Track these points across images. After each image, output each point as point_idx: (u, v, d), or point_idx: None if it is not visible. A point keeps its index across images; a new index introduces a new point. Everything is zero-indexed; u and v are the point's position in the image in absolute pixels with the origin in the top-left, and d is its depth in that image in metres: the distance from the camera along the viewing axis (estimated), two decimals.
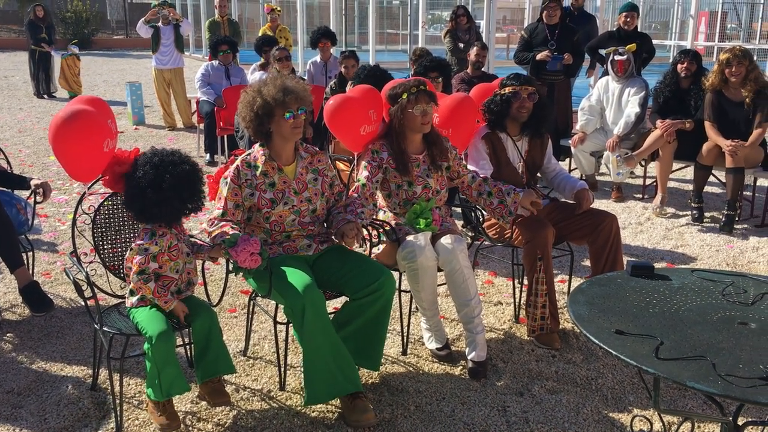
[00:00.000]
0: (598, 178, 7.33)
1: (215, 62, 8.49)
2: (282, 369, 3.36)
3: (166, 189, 2.83)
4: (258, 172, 3.20)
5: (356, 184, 3.53)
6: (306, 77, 8.64)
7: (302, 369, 3.03)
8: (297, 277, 2.99)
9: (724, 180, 6.24)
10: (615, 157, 6.31)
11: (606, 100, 6.64)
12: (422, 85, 3.55)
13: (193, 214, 3.00)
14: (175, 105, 10.40)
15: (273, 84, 3.12)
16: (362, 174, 3.55)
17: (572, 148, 6.83)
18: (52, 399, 3.24)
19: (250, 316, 3.60)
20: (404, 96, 3.55)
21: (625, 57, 6.46)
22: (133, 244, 2.94)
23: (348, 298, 3.24)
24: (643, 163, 6.77)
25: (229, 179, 3.19)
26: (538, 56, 7.28)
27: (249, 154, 3.25)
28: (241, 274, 3.01)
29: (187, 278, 3.06)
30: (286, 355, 3.32)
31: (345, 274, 3.21)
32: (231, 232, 2.99)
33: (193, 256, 3.08)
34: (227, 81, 8.36)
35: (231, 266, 2.98)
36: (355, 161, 3.91)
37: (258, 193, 3.19)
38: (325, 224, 3.43)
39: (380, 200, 3.71)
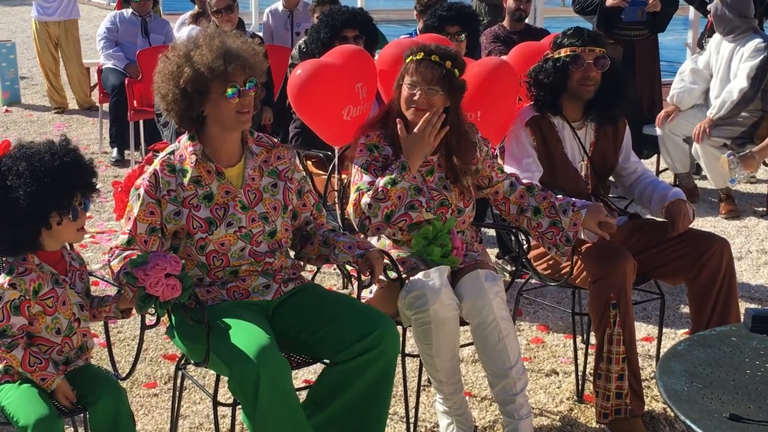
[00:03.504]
0: (699, 183, 7.33)
1: (126, 11, 8.50)
2: None
3: (13, 188, 2.81)
4: (186, 179, 3.19)
5: (355, 195, 3.51)
6: (262, 33, 8.67)
7: None
8: (248, 335, 2.97)
9: None
10: (726, 155, 6.31)
11: (715, 63, 6.66)
12: (433, 53, 3.54)
13: (88, 235, 2.98)
14: (66, 75, 10.42)
15: (208, 45, 3.12)
16: (363, 179, 3.54)
17: (657, 130, 6.83)
18: None
19: (177, 393, 3.58)
20: (408, 60, 3.56)
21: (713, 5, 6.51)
22: None
23: (327, 363, 3.22)
24: (767, 162, 6.78)
25: (141, 190, 3.17)
26: (609, 0, 7.31)
27: (172, 152, 3.25)
28: (156, 308, 2.96)
29: (81, 342, 3.05)
30: None
31: (323, 326, 3.19)
32: (140, 254, 3.00)
33: (87, 313, 3.06)
34: (144, 39, 8.37)
35: (138, 295, 2.93)
36: (336, 160, 3.92)
37: (187, 210, 3.18)
38: (291, 253, 3.42)
39: None
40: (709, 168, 6.46)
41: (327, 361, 3.23)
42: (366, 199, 3.46)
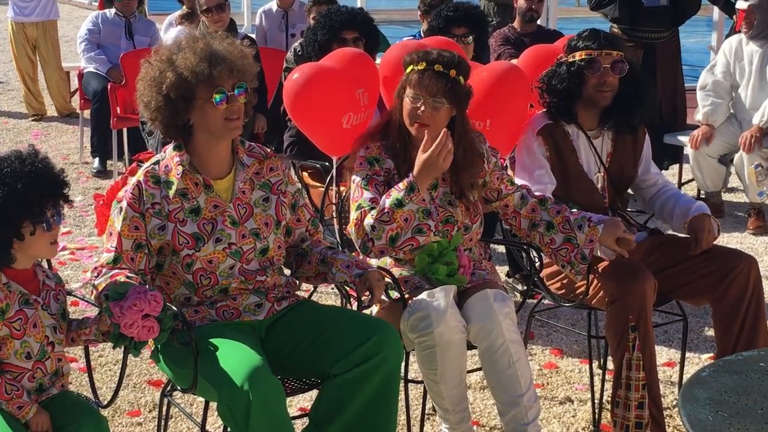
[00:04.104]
0: (725, 197, 7.32)
1: (109, 11, 8.54)
2: None
3: None
4: (172, 192, 3.20)
5: (356, 214, 3.50)
6: (255, 35, 8.69)
7: None
8: (238, 356, 2.97)
9: None
10: (753, 167, 6.31)
11: (739, 71, 6.66)
12: (436, 63, 3.53)
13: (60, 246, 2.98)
14: (45, 80, 10.43)
15: (191, 48, 3.13)
16: (364, 196, 3.54)
17: (690, 151, 6.81)
18: None
19: (163, 422, 3.58)
20: (409, 69, 3.56)
21: (755, 1, 6.50)
22: None
23: (326, 379, 3.21)
24: None
25: (124, 203, 3.18)
26: None
27: (157, 163, 3.25)
28: (130, 348, 2.96)
29: (55, 367, 3.04)
30: None
31: (319, 337, 3.19)
32: (123, 281, 2.98)
33: (63, 336, 3.05)
34: (128, 41, 8.40)
35: (112, 332, 2.93)
36: (334, 171, 3.93)
37: (173, 225, 3.19)
38: (285, 271, 3.42)
39: None
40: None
41: (326, 372, 3.21)
42: (369, 220, 3.45)
